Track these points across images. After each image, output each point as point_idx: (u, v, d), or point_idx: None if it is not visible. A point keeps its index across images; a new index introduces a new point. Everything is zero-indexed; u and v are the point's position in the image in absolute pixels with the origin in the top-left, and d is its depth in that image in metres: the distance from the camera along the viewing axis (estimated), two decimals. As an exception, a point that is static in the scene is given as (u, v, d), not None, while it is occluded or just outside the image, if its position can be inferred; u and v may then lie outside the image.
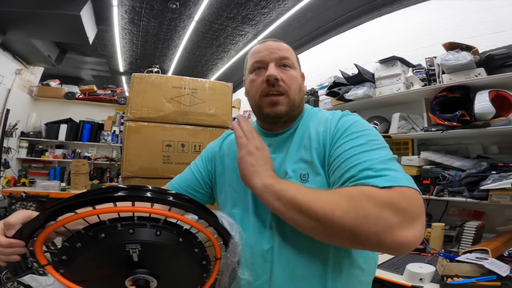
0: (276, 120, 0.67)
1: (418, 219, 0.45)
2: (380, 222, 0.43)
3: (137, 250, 0.43)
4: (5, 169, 3.58)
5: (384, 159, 0.51)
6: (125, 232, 0.43)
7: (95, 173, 4.12)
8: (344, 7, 2.96)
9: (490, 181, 1.38)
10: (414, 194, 0.47)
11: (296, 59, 0.70)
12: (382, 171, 0.48)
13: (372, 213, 0.43)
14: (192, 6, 3.15)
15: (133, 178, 1.44)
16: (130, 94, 1.50)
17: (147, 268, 0.45)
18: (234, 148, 0.72)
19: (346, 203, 0.45)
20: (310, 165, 0.60)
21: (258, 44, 0.70)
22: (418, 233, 0.44)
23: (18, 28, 2.94)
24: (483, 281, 1.06)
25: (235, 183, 0.68)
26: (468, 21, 1.99)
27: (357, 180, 0.49)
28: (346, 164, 0.53)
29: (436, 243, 1.52)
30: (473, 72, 1.56)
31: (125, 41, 4.23)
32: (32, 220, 0.43)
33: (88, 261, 0.44)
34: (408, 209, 0.44)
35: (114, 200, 0.42)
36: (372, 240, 0.44)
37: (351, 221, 0.44)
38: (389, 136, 1.91)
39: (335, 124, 0.61)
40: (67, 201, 0.41)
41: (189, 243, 0.47)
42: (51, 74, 4.69)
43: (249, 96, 0.70)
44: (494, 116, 1.46)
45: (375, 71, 2.05)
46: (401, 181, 0.47)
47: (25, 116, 3.96)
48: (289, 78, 0.65)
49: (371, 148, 0.53)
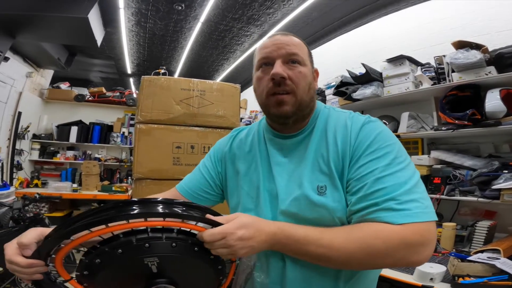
0: (283, 121, 0.62)
1: (428, 245, 0.50)
2: (394, 256, 0.49)
3: (155, 263, 0.44)
4: (18, 171, 3.67)
5: (409, 188, 0.52)
6: (142, 246, 0.44)
7: (105, 174, 4.19)
8: (350, 6, 2.94)
9: (502, 181, 1.36)
10: (428, 227, 0.50)
11: (308, 55, 0.65)
12: (405, 204, 0.50)
13: (388, 253, 0.49)
14: (197, 7, 3.17)
15: (144, 180, 1.47)
16: (140, 96, 1.53)
17: (166, 278, 0.47)
18: (244, 149, 0.72)
19: (362, 256, 0.50)
20: (329, 177, 0.57)
21: (267, 38, 0.65)
22: (427, 256, 0.51)
23: (28, 31, 3.00)
24: (494, 280, 1.05)
25: (248, 187, 0.67)
26: (477, 19, 1.96)
27: (379, 212, 0.51)
28: (369, 187, 0.53)
29: (447, 243, 1.51)
30: (483, 70, 1.53)
31: (132, 43, 4.28)
32: (47, 241, 0.44)
33: (109, 275, 0.45)
34: (420, 241, 0.49)
35: (127, 218, 0.43)
36: (388, 266, 0.54)
37: (368, 263, 0.52)
38: (398, 135, 1.90)
39: (355, 135, 0.57)
40: (82, 220, 0.42)
41: (204, 251, 0.48)
42: (61, 77, 4.78)
43: (256, 94, 0.66)
44: (506, 114, 1.44)
45: (383, 70, 2.04)
46: (420, 217, 0.50)
47: (36, 118, 4.05)
48: (297, 75, 0.60)
49: (396, 170, 0.53)
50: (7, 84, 3.45)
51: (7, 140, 3.53)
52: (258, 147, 0.69)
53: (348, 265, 0.53)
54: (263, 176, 0.65)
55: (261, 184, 0.64)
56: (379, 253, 0.49)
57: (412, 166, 0.56)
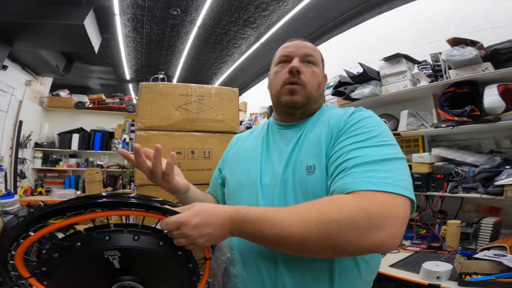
0: (292, 111, 0.69)
1: (394, 220, 0.45)
2: (352, 228, 0.44)
3: (116, 257, 0.43)
4: (22, 179, 3.69)
5: (382, 159, 0.50)
6: (101, 239, 0.43)
7: (108, 181, 4.21)
8: (345, 5, 2.95)
9: (505, 176, 1.35)
10: (388, 198, 0.46)
11: (321, 59, 0.74)
12: (371, 172, 0.48)
13: (345, 223, 0.44)
14: (193, 11, 3.18)
15: (146, 186, 1.47)
16: (139, 103, 1.53)
17: (131, 275, 0.45)
18: (239, 144, 0.81)
19: (317, 230, 0.45)
20: (318, 158, 0.59)
21: (288, 41, 0.75)
22: (393, 235, 0.44)
23: (24, 39, 3.01)
24: (502, 278, 1.04)
25: (242, 176, 0.71)
26: (471, 16, 1.96)
27: (344, 178, 0.50)
28: (343, 157, 0.53)
29: (453, 240, 1.50)
30: (479, 66, 1.53)
31: (129, 49, 4.30)
32: (6, 233, 0.43)
33: (70, 271, 0.44)
34: (380, 211, 0.44)
35: (80, 209, 0.42)
36: (350, 247, 0.45)
37: (326, 240, 0.45)
38: (399, 133, 1.89)
39: (345, 118, 0.61)
40: (35, 213, 0.42)
41: (171, 246, 0.47)
42: (60, 84, 4.80)
43: (271, 87, 0.74)
44: (505, 110, 1.43)
45: (380, 69, 2.04)
46: (383, 186, 0.47)
47: (37, 127, 4.08)
48: (310, 73, 0.69)
49: (371, 145, 0.52)
50: (7, 93, 3.47)
51: (9, 149, 3.54)
52: (258, 140, 0.75)
53: (305, 247, 0.46)
54: (261, 167, 0.68)
55: (258, 177, 0.67)
56: (335, 225, 0.44)
57: (393, 147, 0.53)
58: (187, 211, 0.48)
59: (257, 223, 0.48)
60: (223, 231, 0.49)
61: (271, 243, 0.49)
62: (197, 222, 0.47)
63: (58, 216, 0.43)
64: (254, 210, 0.50)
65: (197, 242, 0.47)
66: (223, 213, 0.49)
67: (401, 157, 0.53)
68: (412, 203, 0.49)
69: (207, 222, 0.47)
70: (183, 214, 0.47)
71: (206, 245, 0.50)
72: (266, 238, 0.47)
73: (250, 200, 0.65)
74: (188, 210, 0.48)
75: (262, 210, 0.50)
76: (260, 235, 0.48)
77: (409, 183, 0.50)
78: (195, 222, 0.47)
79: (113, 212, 0.44)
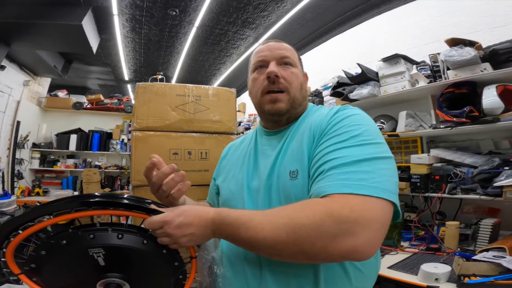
0: (277, 118, 0.67)
1: (367, 225, 0.42)
2: (321, 234, 0.42)
3: (101, 254, 0.45)
4: (19, 180, 3.67)
5: (361, 159, 0.47)
6: (86, 237, 0.44)
7: (106, 181, 4.19)
8: (343, 6, 2.95)
9: (504, 177, 1.34)
10: (362, 201, 0.43)
11: (298, 59, 0.71)
12: (347, 174, 0.46)
13: (313, 228, 0.42)
14: (191, 12, 3.17)
15: (142, 187, 1.46)
16: (136, 103, 1.52)
17: (116, 272, 0.46)
18: (230, 153, 0.80)
19: (285, 234, 0.44)
20: (301, 162, 0.58)
21: (261, 44, 0.71)
22: (367, 241, 0.42)
23: (22, 39, 3.01)
24: (501, 279, 1.03)
25: (234, 186, 0.70)
26: (469, 16, 1.96)
27: (321, 181, 0.49)
28: (321, 161, 0.52)
29: (451, 242, 1.49)
30: (478, 67, 1.52)
31: (128, 49, 4.29)
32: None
33: (57, 268, 0.46)
34: (350, 216, 0.42)
35: (69, 208, 0.44)
36: (321, 254, 0.43)
37: (294, 245, 0.44)
38: (397, 134, 1.89)
39: (328, 119, 0.58)
40: (25, 213, 0.44)
41: (155, 245, 0.48)
42: (58, 85, 4.79)
43: (251, 95, 0.71)
44: (504, 110, 1.43)
45: (378, 70, 2.03)
46: (356, 188, 0.44)
47: (35, 127, 4.06)
48: (290, 75, 0.66)
49: (351, 145, 0.50)
50: (4, 93, 3.46)
51: (6, 149, 3.53)
52: (248, 148, 0.74)
53: (276, 252, 0.46)
54: (247, 173, 0.68)
55: (245, 182, 0.67)
56: (303, 230, 0.42)
57: (377, 146, 0.50)
58: (171, 211, 0.49)
59: (234, 225, 0.48)
60: (205, 231, 0.50)
61: (247, 246, 0.49)
62: (180, 222, 0.47)
63: (46, 215, 0.45)
64: (233, 213, 0.50)
65: (179, 242, 0.48)
66: (205, 214, 0.50)
67: (385, 156, 0.50)
68: (396, 206, 0.47)
69: (190, 222, 0.48)
70: (166, 214, 0.48)
71: (188, 244, 0.50)
72: (242, 240, 0.48)
73: (238, 205, 0.65)
74: (172, 210, 0.49)
75: (239, 213, 0.50)
76: (238, 238, 0.48)
77: (391, 184, 0.47)
78: (178, 221, 0.47)
79: (98, 211, 0.46)
